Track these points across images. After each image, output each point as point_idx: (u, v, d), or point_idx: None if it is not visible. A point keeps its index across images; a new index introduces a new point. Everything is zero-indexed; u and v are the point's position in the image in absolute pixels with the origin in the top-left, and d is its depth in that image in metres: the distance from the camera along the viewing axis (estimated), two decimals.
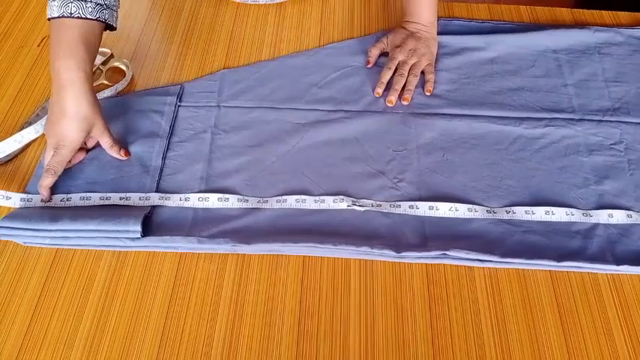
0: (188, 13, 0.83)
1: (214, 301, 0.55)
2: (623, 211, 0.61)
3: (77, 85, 0.59)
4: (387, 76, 0.73)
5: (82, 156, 0.65)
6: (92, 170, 0.64)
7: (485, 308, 0.55)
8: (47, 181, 0.61)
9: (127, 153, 0.65)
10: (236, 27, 0.81)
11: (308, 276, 0.57)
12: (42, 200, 0.62)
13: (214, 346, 0.53)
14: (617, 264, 0.57)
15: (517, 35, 0.78)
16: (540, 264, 0.57)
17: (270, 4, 0.83)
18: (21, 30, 0.80)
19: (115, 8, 0.64)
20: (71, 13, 0.59)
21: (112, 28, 0.64)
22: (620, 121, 0.70)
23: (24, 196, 0.62)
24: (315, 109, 0.71)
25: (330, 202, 0.61)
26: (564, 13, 0.83)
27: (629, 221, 0.61)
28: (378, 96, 0.72)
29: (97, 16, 0.61)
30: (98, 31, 0.62)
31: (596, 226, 0.60)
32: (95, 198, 0.62)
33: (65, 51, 0.59)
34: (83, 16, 0.60)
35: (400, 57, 0.74)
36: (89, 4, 0.60)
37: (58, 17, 0.59)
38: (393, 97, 0.71)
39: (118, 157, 0.65)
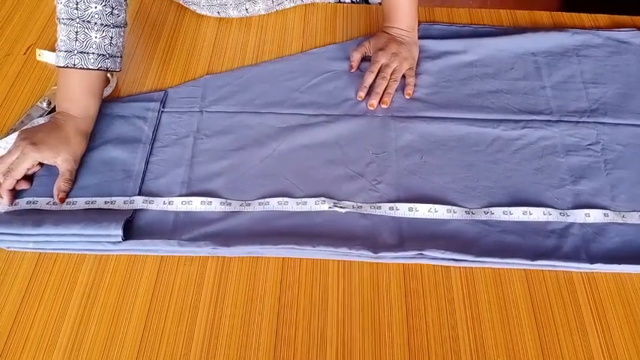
0: (172, 21, 0.84)
1: (194, 303, 0.56)
2: (599, 210, 0.62)
3: (71, 123, 0.65)
4: (369, 79, 0.74)
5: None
6: (76, 175, 0.65)
7: (461, 307, 0.56)
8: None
9: (63, 200, 0.62)
10: (219, 33, 0.82)
11: (287, 278, 0.58)
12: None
13: (193, 348, 0.53)
14: (591, 262, 0.57)
15: (496, 38, 0.79)
16: (514, 263, 0.58)
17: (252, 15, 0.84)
18: (7, 39, 0.81)
19: (118, 55, 0.68)
20: (74, 64, 0.64)
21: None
22: (597, 122, 0.71)
23: None
24: (297, 114, 0.72)
25: (312, 204, 0.62)
26: (544, 17, 0.84)
27: (605, 220, 0.61)
28: (361, 99, 0.73)
29: (99, 66, 0.66)
30: (102, 77, 0.68)
31: (571, 225, 0.61)
32: (81, 202, 0.62)
33: (70, 97, 0.66)
34: (85, 67, 0.65)
35: (383, 60, 0.75)
36: (91, 56, 0.65)
37: (64, 67, 0.65)
38: (374, 101, 0.72)
39: (56, 192, 0.63)
